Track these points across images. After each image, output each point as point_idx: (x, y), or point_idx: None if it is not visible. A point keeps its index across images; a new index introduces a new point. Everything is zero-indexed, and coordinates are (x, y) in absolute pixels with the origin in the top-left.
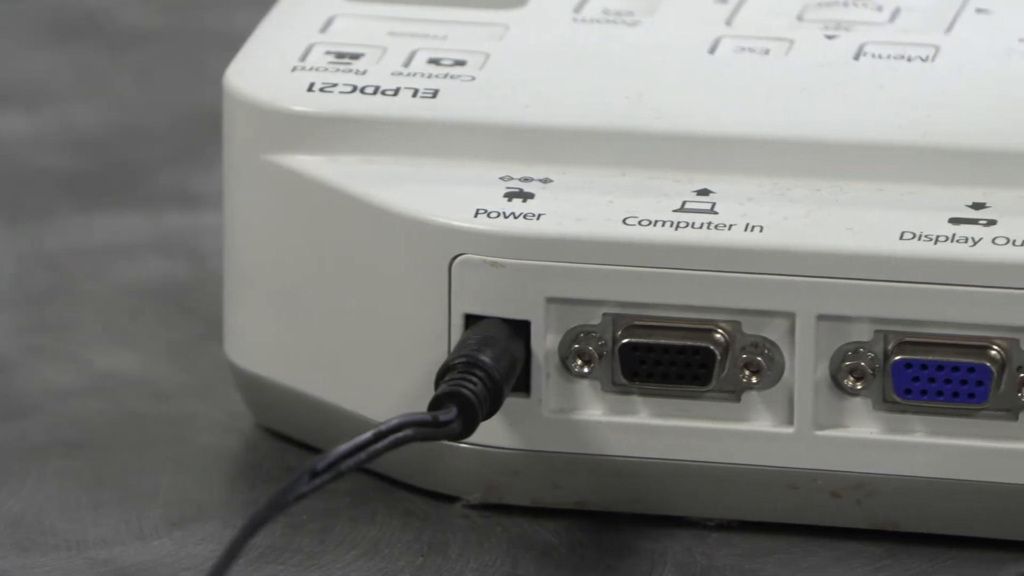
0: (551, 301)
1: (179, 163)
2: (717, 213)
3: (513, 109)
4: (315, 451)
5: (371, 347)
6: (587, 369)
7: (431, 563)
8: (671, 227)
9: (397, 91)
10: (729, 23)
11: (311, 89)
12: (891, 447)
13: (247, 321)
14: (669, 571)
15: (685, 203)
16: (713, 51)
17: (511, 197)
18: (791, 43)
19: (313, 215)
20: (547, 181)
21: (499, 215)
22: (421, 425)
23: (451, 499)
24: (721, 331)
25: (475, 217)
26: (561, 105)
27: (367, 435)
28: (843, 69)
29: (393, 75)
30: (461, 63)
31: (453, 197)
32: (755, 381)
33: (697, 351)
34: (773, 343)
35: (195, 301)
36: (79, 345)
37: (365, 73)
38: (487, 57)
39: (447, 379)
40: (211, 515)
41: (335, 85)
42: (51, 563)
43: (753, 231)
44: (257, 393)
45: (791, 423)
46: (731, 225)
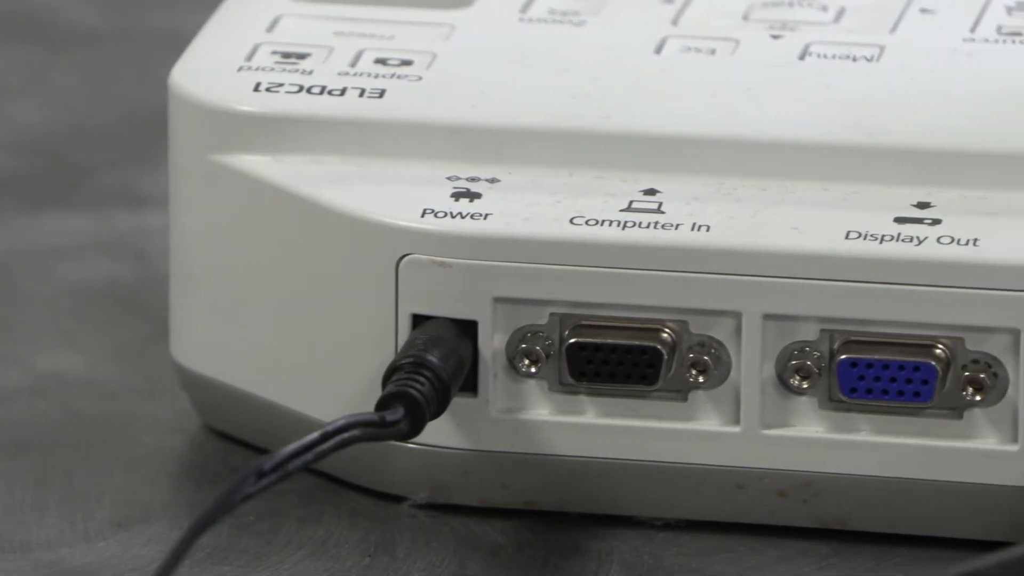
0: (498, 301)
1: (125, 163)
2: (664, 213)
3: (460, 109)
4: (262, 452)
5: (318, 347)
6: (534, 369)
7: (378, 563)
8: (618, 227)
9: (344, 91)
10: (675, 23)
11: (257, 89)
12: (837, 446)
13: (193, 321)
14: (616, 571)
15: (632, 203)
16: (659, 51)
17: (458, 197)
18: (737, 43)
19: (259, 215)
20: (494, 181)
21: (446, 215)
22: (368, 425)
23: (398, 499)
24: (668, 331)
25: (422, 217)
26: (508, 105)
27: (314, 435)
28: (789, 69)
29: (340, 75)
30: (408, 63)
31: (400, 197)
32: (702, 380)
33: (644, 351)
34: (720, 342)
35: (141, 302)
36: (24, 346)
37: (312, 73)
38: (434, 57)
39: (394, 379)
40: (157, 516)
41: (281, 85)
42: None
43: (700, 231)
44: (203, 394)
45: (738, 422)
46: (678, 225)
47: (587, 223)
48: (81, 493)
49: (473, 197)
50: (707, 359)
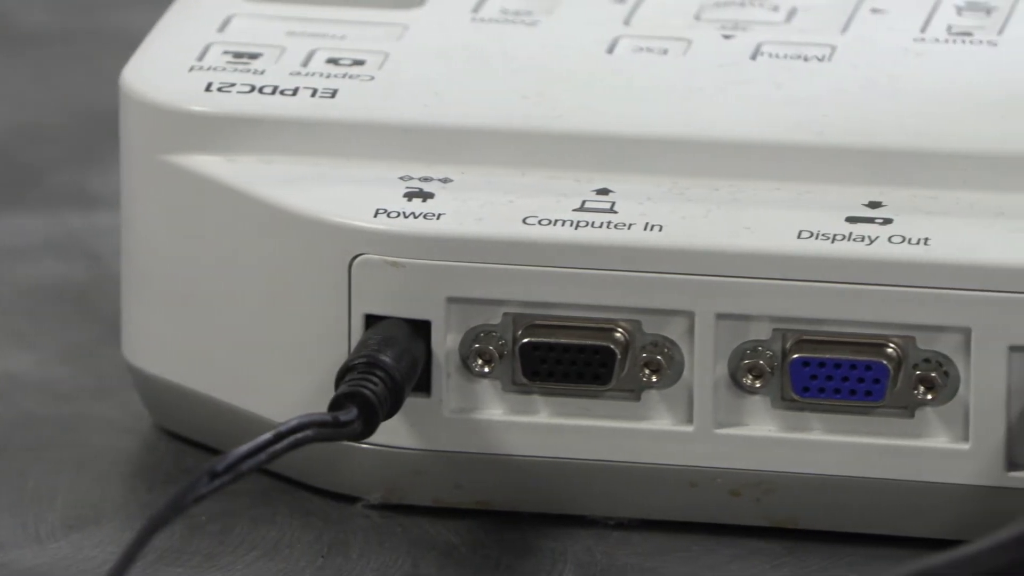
0: (451, 301)
1: (76, 163)
2: (617, 212)
3: (413, 109)
4: (214, 452)
5: (271, 348)
6: (488, 369)
7: (332, 563)
8: (571, 226)
9: (296, 91)
10: (627, 23)
11: (209, 89)
12: (789, 445)
13: (145, 322)
14: (569, 570)
15: (585, 202)
16: (612, 51)
17: (411, 197)
18: (689, 43)
19: (211, 216)
20: (447, 181)
21: (399, 215)
22: (321, 425)
23: (352, 499)
24: (621, 330)
25: (375, 217)
26: (461, 105)
27: (267, 436)
28: (740, 69)
29: (292, 75)
30: (360, 63)
31: (353, 197)
32: (655, 380)
33: (597, 350)
34: (673, 342)
35: (93, 302)
36: None
37: (263, 73)
38: (386, 57)
39: (347, 379)
40: (109, 517)
41: (233, 85)
42: None
43: (652, 230)
44: (156, 394)
45: (691, 422)
46: (631, 224)
47: (540, 223)
48: (32, 495)
49: (426, 197)
50: (660, 359)
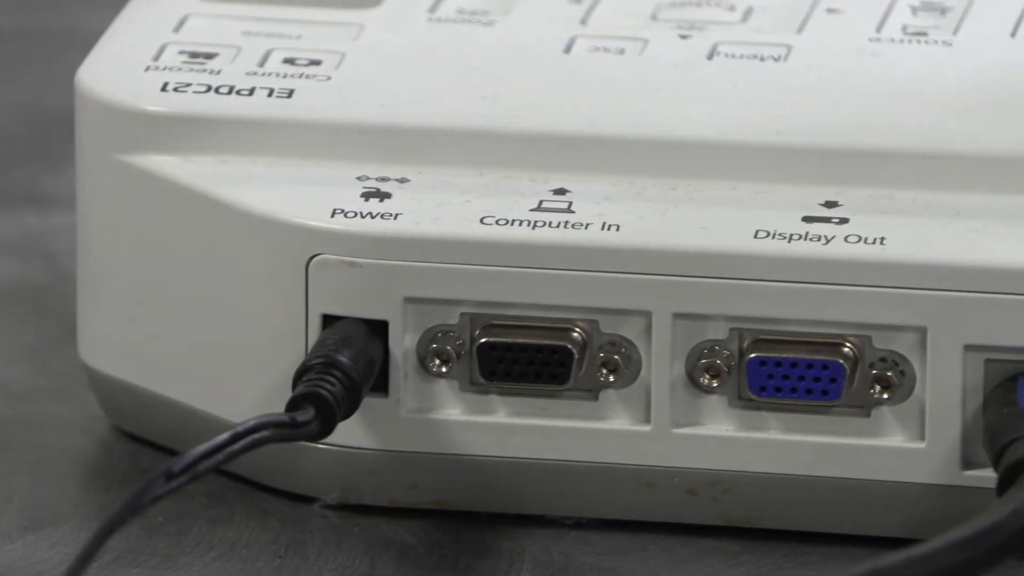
0: (409, 301)
1: (31, 164)
2: (574, 212)
3: (369, 109)
4: (171, 453)
5: (228, 348)
6: (445, 369)
7: (289, 564)
8: (528, 226)
9: (252, 91)
10: (584, 23)
11: (165, 89)
12: (746, 444)
13: (102, 323)
14: (527, 570)
15: (542, 202)
16: (568, 50)
17: (368, 197)
18: (645, 43)
19: (168, 216)
20: (404, 181)
21: (356, 215)
22: (279, 426)
23: (309, 500)
24: (578, 330)
25: (332, 217)
26: (417, 105)
27: (224, 436)
28: (697, 68)
29: (248, 75)
30: (316, 63)
31: (310, 197)
32: (612, 380)
33: (555, 350)
34: (630, 342)
35: (49, 303)
36: None
37: (219, 73)
38: (343, 57)
39: (305, 380)
40: (65, 518)
41: (189, 85)
42: None
43: (609, 230)
44: (112, 395)
45: (648, 421)
46: (588, 224)
47: (497, 223)
48: None
49: (383, 197)
50: (617, 358)
